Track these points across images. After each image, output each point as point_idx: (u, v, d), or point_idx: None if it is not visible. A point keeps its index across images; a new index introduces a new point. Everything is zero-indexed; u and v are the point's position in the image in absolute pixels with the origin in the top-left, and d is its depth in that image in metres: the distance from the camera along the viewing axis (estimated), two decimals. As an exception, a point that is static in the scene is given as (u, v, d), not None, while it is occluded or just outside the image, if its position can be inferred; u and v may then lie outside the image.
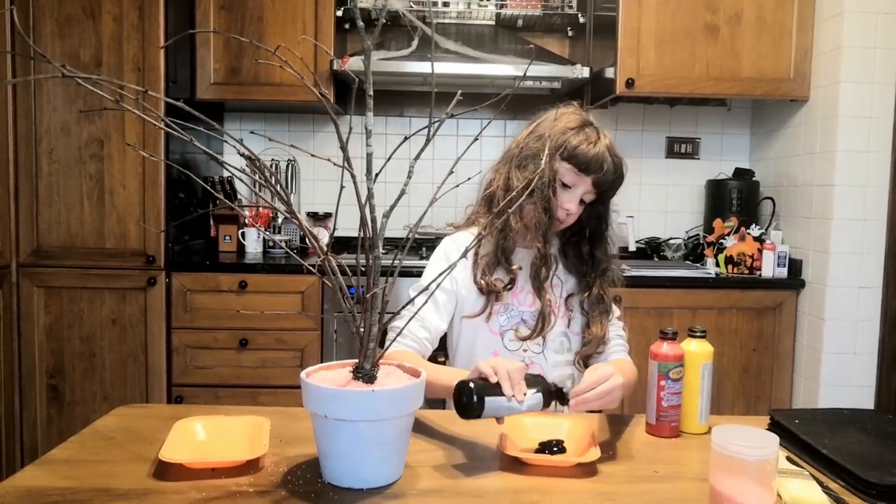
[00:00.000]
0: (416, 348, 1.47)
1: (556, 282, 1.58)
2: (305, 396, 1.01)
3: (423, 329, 1.49)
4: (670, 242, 3.20)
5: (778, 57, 2.77)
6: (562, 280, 1.59)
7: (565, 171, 1.47)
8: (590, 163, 1.46)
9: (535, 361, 1.53)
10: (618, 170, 1.50)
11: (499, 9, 3.09)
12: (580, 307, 1.58)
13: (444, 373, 1.37)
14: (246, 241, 3.02)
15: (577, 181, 1.48)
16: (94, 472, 1.05)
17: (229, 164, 1.03)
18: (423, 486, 1.03)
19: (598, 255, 1.57)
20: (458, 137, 3.29)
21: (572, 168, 1.47)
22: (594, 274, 1.57)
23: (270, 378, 2.69)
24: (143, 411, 1.38)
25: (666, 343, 1.27)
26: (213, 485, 1.01)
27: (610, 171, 1.48)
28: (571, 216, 1.52)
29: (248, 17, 2.83)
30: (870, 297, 2.62)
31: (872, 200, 2.59)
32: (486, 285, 1.51)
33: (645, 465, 1.14)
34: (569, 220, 1.53)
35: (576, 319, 1.58)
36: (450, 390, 1.17)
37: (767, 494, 0.92)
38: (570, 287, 1.59)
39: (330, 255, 1.02)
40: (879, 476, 1.03)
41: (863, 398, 2.63)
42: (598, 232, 1.58)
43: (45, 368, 2.66)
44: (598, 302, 1.56)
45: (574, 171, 1.47)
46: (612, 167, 1.48)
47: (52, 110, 2.61)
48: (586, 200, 1.51)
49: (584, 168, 1.46)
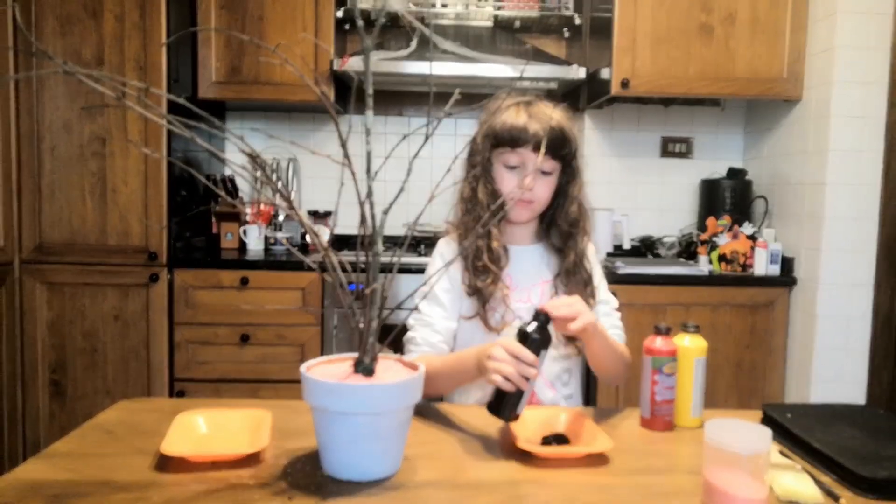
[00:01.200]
0: (432, 353, 1.47)
1: (545, 273, 1.55)
2: (305, 390, 1.02)
3: (436, 333, 1.48)
4: (664, 240, 3.22)
5: (772, 57, 2.79)
6: (549, 270, 1.56)
7: (503, 155, 1.46)
8: (515, 135, 1.42)
9: None
10: (555, 130, 1.43)
11: (496, 10, 3.11)
12: (562, 285, 1.53)
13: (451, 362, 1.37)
14: (247, 238, 3.03)
15: (520, 158, 1.45)
16: (96, 465, 1.05)
17: (232, 162, 1.05)
18: (422, 478, 1.04)
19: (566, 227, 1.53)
20: (456, 136, 3.31)
21: (506, 149, 1.45)
22: (566, 246, 1.53)
23: (271, 373, 2.71)
24: (145, 405, 1.38)
25: (659, 338, 1.28)
26: (214, 477, 1.01)
27: (540, 134, 1.42)
28: (537, 193, 1.48)
29: (248, 17, 2.85)
30: (861, 294, 2.64)
31: (864, 199, 2.62)
32: (473, 289, 1.48)
33: (639, 459, 1.15)
34: (538, 198, 1.49)
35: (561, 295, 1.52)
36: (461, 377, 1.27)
37: (760, 487, 0.93)
38: (554, 267, 1.56)
39: (330, 252, 1.04)
40: (871, 470, 1.04)
41: (854, 394, 2.66)
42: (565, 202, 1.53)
43: (48, 364, 2.67)
44: (573, 272, 1.52)
45: (509, 150, 1.45)
46: (544, 128, 1.42)
47: (55, 108, 2.62)
48: (549, 170, 1.47)
49: (514, 142, 1.43)
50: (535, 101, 1.48)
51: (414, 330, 1.50)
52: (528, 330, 1.19)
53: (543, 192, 1.49)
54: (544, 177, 1.48)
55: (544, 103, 1.49)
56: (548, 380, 1.52)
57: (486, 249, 1.48)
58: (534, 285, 1.54)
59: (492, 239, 1.49)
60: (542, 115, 1.45)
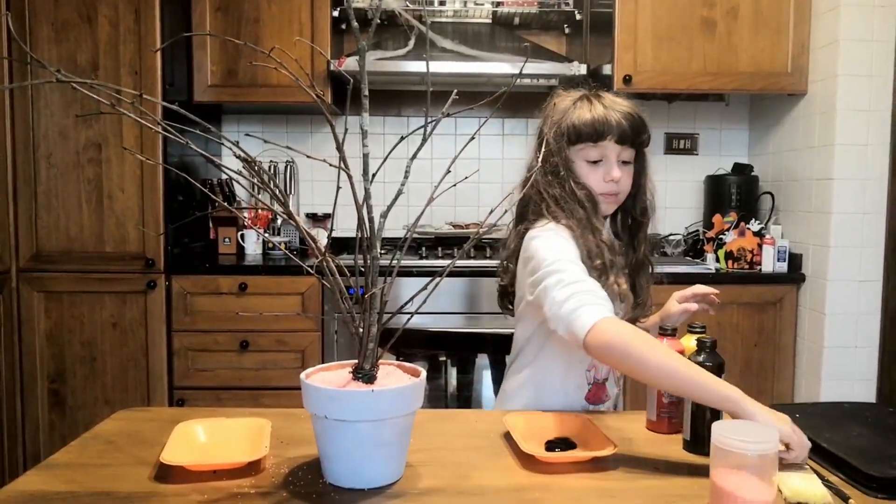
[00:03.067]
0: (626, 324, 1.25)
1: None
2: (305, 398, 1.01)
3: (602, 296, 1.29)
4: (670, 238, 3.20)
5: (775, 51, 2.77)
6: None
7: (584, 150, 1.44)
8: (598, 128, 1.41)
9: None
10: (632, 117, 1.43)
11: (495, 7, 3.09)
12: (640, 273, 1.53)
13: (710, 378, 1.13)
14: (245, 243, 3.02)
15: (602, 152, 1.44)
16: (96, 475, 1.05)
17: (227, 167, 1.03)
18: (425, 485, 1.03)
19: (638, 216, 1.53)
20: (455, 136, 3.29)
21: (587, 144, 1.43)
22: (636, 238, 1.53)
23: (271, 380, 2.70)
24: (144, 414, 1.39)
25: (666, 339, 1.28)
26: (214, 487, 1.01)
27: (623, 123, 1.41)
28: (622, 184, 1.46)
29: (244, 19, 2.83)
30: (870, 290, 2.62)
31: (872, 193, 2.59)
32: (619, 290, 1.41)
33: (646, 462, 1.13)
34: (623, 189, 1.47)
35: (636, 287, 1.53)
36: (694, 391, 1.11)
37: (768, 489, 0.92)
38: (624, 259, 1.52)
39: (328, 256, 1.02)
40: (880, 469, 1.03)
41: (864, 392, 2.63)
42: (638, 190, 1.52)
43: (47, 373, 2.66)
44: (644, 264, 1.53)
45: (590, 145, 1.43)
46: (623, 117, 1.41)
47: (50, 115, 2.61)
48: (628, 159, 1.46)
49: (596, 135, 1.42)
50: (597, 93, 1.48)
51: (586, 283, 1.27)
52: (699, 360, 1.18)
53: (626, 183, 1.48)
54: (626, 166, 1.47)
55: (608, 93, 1.48)
56: (615, 374, 1.54)
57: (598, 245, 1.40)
58: None
59: (600, 236, 1.43)
60: (616, 104, 1.44)
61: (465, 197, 3.28)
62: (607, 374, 1.51)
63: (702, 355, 1.18)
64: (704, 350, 1.18)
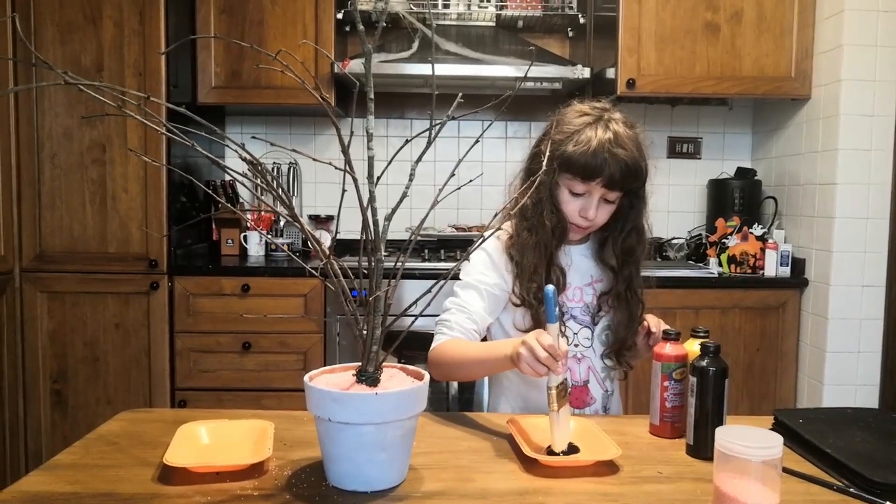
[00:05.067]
0: (465, 338, 1.44)
1: (595, 272, 1.54)
2: (309, 400, 1.01)
3: (471, 321, 1.45)
4: (673, 242, 3.20)
5: (779, 56, 2.76)
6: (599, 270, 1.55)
7: (571, 181, 1.43)
8: (588, 169, 1.39)
9: (586, 355, 1.52)
10: (628, 165, 1.38)
11: (499, 10, 3.09)
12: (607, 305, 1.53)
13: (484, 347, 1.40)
14: (248, 245, 3.02)
15: (587, 188, 1.42)
16: (99, 476, 1.05)
17: (231, 169, 1.03)
18: (428, 488, 1.03)
19: (620, 251, 1.50)
20: (459, 139, 3.29)
21: (576, 178, 1.41)
22: (619, 271, 1.51)
23: (274, 381, 2.70)
24: (147, 416, 1.38)
25: (669, 344, 1.27)
26: (217, 489, 1.01)
27: (616, 170, 1.37)
28: (597, 221, 1.46)
29: (248, 21, 2.84)
30: (873, 295, 2.61)
31: (875, 198, 2.59)
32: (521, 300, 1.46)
33: (649, 466, 1.13)
34: (597, 223, 1.47)
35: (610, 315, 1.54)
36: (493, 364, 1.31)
37: (772, 494, 0.91)
38: (608, 283, 1.54)
39: (332, 259, 1.02)
40: (884, 475, 1.02)
41: (867, 397, 2.62)
42: (625, 227, 1.50)
43: (49, 373, 2.66)
44: (622, 298, 1.50)
45: (578, 179, 1.41)
46: (618, 164, 1.37)
47: (54, 116, 2.61)
48: (613, 199, 1.45)
49: (587, 175, 1.40)
50: (610, 121, 1.41)
51: (450, 313, 1.47)
52: (703, 364, 1.18)
53: (602, 218, 1.47)
54: (606, 205, 1.46)
55: (619, 122, 1.42)
56: (599, 377, 1.53)
57: (544, 272, 1.45)
58: (586, 285, 1.54)
59: (552, 262, 1.47)
60: (617, 146, 1.38)
61: (468, 200, 3.28)
62: (587, 377, 1.51)
63: (705, 360, 1.18)
64: (708, 354, 1.18)
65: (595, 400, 1.53)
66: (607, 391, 1.55)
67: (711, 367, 1.17)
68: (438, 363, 1.41)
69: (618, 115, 1.45)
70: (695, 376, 1.18)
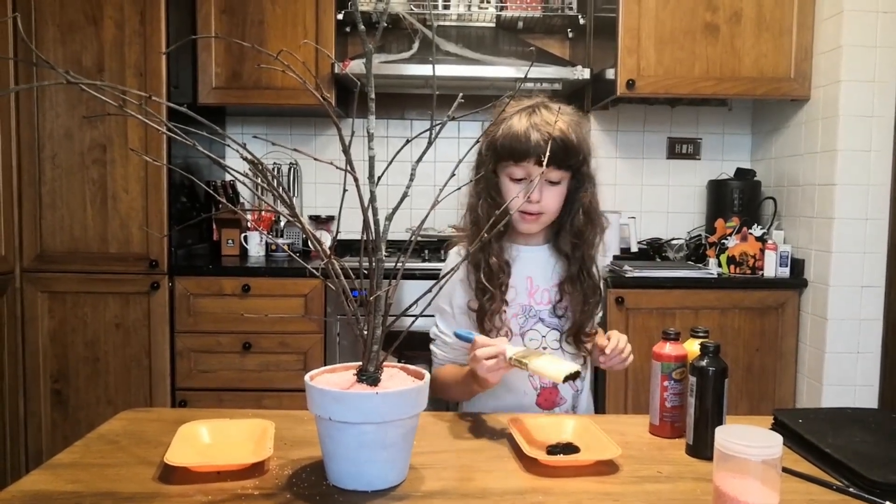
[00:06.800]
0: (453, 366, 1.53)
1: (556, 274, 1.53)
2: (310, 399, 1.01)
3: (453, 349, 1.53)
4: (672, 243, 3.20)
5: (778, 56, 2.77)
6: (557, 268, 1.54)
7: (508, 167, 1.43)
8: (517, 148, 1.39)
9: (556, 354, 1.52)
10: (557, 141, 1.38)
11: (499, 11, 3.10)
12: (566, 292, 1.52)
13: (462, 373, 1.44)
14: (248, 245, 3.02)
15: (525, 170, 1.42)
16: (100, 476, 1.05)
17: (232, 168, 1.04)
18: (428, 488, 1.03)
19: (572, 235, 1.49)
20: (459, 140, 3.30)
21: (510, 162, 1.42)
22: (573, 254, 1.50)
23: (274, 381, 2.70)
24: (148, 415, 1.39)
25: (668, 344, 1.28)
26: (218, 488, 1.01)
27: (542, 145, 1.37)
28: (545, 205, 1.45)
29: (248, 21, 2.84)
30: (872, 296, 2.61)
31: (874, 199, 2.59)
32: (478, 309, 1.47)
33: (648, 466, 1.14)
34: (546, 209, 1.46)
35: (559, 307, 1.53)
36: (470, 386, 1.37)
37: (772, 494, 0.91)
38: (562, 270, 1.53)
39: (333, 259, 1.03)
40: (883, 475, 1.03)
41: (866, 397, 2.63)
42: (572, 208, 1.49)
43: (50, 373, 2.66)
44: (577, 280, 1.50)
45: (513, 163, 1.42)
46: (546, 140, 1.37)
47: (55, 116, 2.61)
48: (556, 180, 1.44)
49: (517, 156, 1.40)
50: (539, 108, 1.44)
51: (434, 345, 1.57)
52: (703, 364, 1.18)
53: (551, 203, 1.46)
54: (552, 186, 1.45)
55: (549, 108, 1.44)
56: None
57: (484, 265, 1.46)
58: (552, 286, 1.54)
59: (491, 255, 1.46)
60: (544, 124, 1.40)
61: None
62: None
63: (705, 360, 1.18)
64: (707, 355, 1.18)
65: (565, 400, 1.53)
66: (577, 390, 1.55)
67: (711, 367, 1.17)
68: (436, 391, 1.52)
69: (552, 104, 1.45)
70: (694, 376, 1.18)
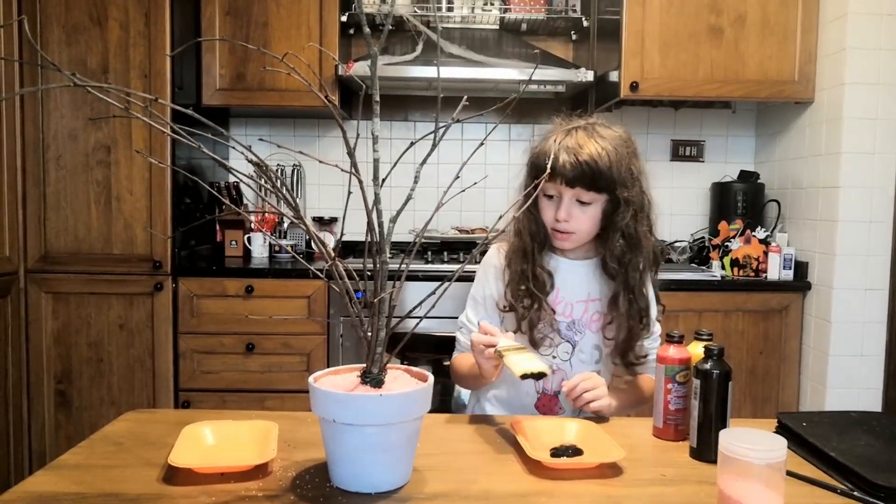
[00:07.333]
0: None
1: (593, 290, 1.54)
2: (313, 401, 1.01)
3: None
4: (676, 245, 3.20)
5: (782, 59, 2.76)
6: (598, 288, 1.54)
7: (543, 184, 1.44)
8: (543, 168, 1.39)
9: (562, 368, 1.52)
10: (588, 163, 1.39)
11: (503, 13, 3.10)
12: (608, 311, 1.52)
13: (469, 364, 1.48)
14: (252, 246, 3.02)
15: (556, 189, 1.44)
16: (104, 477, 1.05)
17: (238, 171, 1.04)
18: (432, 490, 1.03)
19: (617, 255, 1.48)
20: (462, 142, 3.30)
21: (544, 179, 1.41)
22: (623, 279, 1.49)
23: (277, 382, 2.70)
24: (152, 416, 1.39)
25: (672, 346, 1.27)
26: (222, 489, 1.01)
27: (568, 168, 1.39)
28: (572, 224, 1.46)
29: (253, 23, 2.84)
30: (876, 299, 2.61)
31: (878, 202, 2.59)
32: (510, 306, 1.51)
33: (652, 469, 1.13)
34: (576, 229, 1.47)
35: (609, 328, 1.53)
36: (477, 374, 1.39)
37: (776, 497, 0.91)
38: (605, 293, 1.53)
39: (337, 260, 1.03)
40: (887, 478, 1.02)
41: (870, 400, 2.62)
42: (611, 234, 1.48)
43: (53, 374, 2.67)
44: (617, 304, 1.50)
45: (546, 180, 1.42)
46: (576, 163, 1.39)
47: (60, 117, 2.62)
48: (587, 201, 1.44)
49: (550, 173, 1.40)
50: (579, 129, 1.45)
51: (460, 332, 1.61)
52: (706, 367, 1.18)
53: (582, 224, 1.47)
54: (582, 207, 1.45)
55: (588, 130, 1.44)
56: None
57: (531, 275, 1.49)
58: (578, 301, 1.54)
59: (535, 265, 1.49)
60: (577, 146, 1.41)
61: (471, 202, 3.29)
62: (559, 388, 1.50)
63: (709, 362, 1.18)
64: (711, 357, 1.18)
65: (564, 411, 1.54)
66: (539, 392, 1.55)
67: (715, 369, 1.17)
68: (454, 377, 1.62)
69: (598, 126, 1.47)
70: (698, 379, 1.18)
